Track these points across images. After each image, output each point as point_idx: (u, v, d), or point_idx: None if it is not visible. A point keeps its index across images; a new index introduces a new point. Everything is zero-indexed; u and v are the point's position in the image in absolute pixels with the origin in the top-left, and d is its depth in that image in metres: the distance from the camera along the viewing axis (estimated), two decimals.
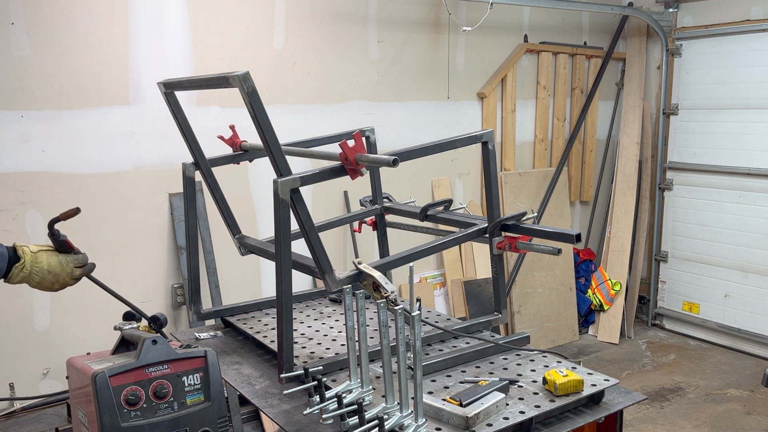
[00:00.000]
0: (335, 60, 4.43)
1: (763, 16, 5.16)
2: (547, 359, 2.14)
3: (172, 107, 2.29)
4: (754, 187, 5.30)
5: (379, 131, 2.73)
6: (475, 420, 1.69)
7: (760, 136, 5.24)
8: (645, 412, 4.44)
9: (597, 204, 6.25)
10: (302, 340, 2.29)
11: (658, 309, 6.08)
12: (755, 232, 5.32)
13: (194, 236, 2.47)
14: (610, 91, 6.17)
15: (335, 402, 1.72)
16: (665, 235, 6.00)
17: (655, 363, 5.31)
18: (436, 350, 2.21)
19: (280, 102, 4.19)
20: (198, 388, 1.73)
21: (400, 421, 1.64)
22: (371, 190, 2.72)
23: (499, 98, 5.34)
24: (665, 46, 5.76)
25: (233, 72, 1.74)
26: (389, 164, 1.78)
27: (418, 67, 4.84)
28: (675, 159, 5.87)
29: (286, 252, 1.86)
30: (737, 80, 5.35)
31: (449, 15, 4.80)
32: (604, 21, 5.94)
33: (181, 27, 3.82)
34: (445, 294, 5.17)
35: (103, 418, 1.60)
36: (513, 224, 2.18)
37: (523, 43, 5.40)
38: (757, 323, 5.36)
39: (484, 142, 2.23)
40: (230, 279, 4.08)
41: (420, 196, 4.81)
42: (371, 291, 1.90)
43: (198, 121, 3.53)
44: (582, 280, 5.87)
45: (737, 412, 4.47)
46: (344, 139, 2.00)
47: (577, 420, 1.82)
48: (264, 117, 1.76)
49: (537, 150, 5.65)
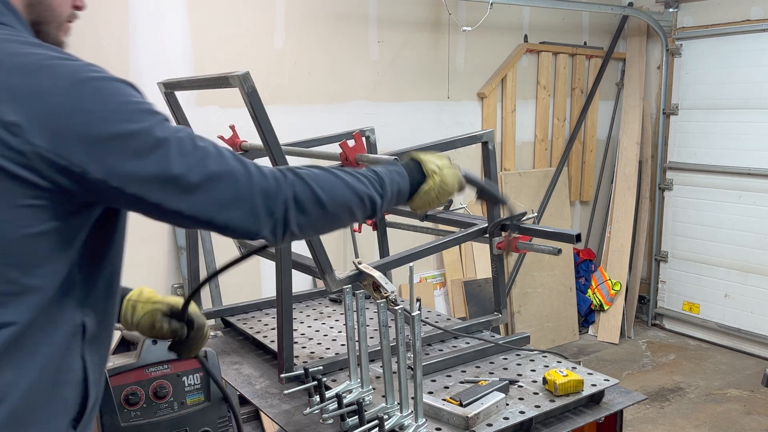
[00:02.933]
0: (335, 60, 4.43)
1: (763, 16, 5.16)
2: (547, 359, 2.14)
3: (172, 107, 2.29)
4: (754, 187, 5.30)
5: (379, 131, 2.73)
6: (475, 420, 1.69)
7: (760, 136, 5.23)
8: (645, 412, 4.44)
9: (597, 204, 6.25)
10: (302, 340, 2.29)
11: (658, 309, 6.08)
12: (755, 232, 5.32)
13: (194, 236, 2.47)
14: (610, 91, 6.16)
15: (335, 402, 1.72)
16: (665, 235, 5.99)
17: (655, 363, 5.31)
18: (436, 350, 2.21)
19: (280, 102, 4.19)
20: (198, 388, 1.73)
21: (400, 421, 1.64)
22: None
23: (499, 98, 5.34)
24: (665, 46, 5.75)
25: (233, 72, 1.73)
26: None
27: (418, 67, 4.84)
28: (675, 159, 5.87)
29: (286, 252, 1.86)
30: (737, 80, 5.34)
31: (449, 15, 4.80)
32: (604, 21, 5.94)
33: (181, 27, 3.82)
34: (445, 294, 5.16)
35: (103, 418, 1.60)
36: (513, 224, 2.18)
37: (523, 43, 5.40)
38: (757, 323, 5.36)
39: (484, 142, 2.23)
40: (230, 279, 4.08)
41: None
42: (371, 291, 1.90)
43: (198, 121, 3.52)
44: (582, 280, 5.87)
45: (737, 412, 4.47)
46: (344, 139, 2.00)
47: (577, 420, 1.82)
48: (264, 117, 1.76)
49: (537, 150, 5.65)
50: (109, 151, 1.06)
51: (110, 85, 1.08)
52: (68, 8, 1.25)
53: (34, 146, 1.02)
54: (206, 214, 1.14)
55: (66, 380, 1.14)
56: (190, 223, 1.16)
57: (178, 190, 1.11)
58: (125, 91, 1.10)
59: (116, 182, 1.07)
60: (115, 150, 1.06)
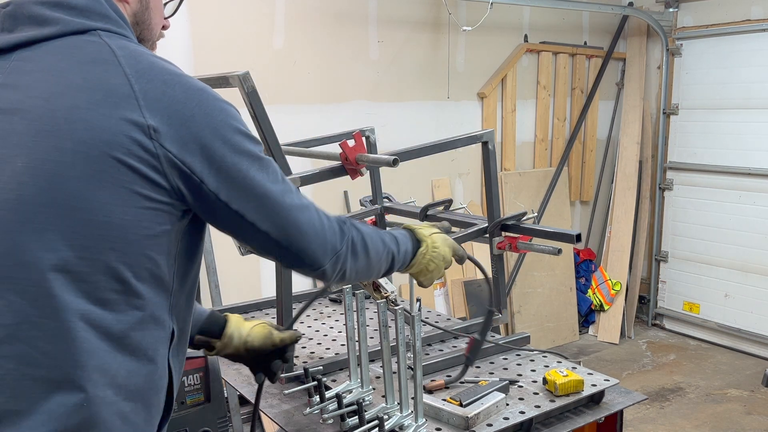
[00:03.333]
0: (335, 60, 4.43)
1: (763, 16, 5.16)
2: (547, 359, 2.14)
3: None
4: (754, 187, 5.30)
5: (379, 131, 2.73)
6: (475, 420, 1.69)
7: (760, 136, 5.23)
8: (645, 412, 4.44)
9: (597, 204, 6.25)
10: (302, 340, 2.29)
11: (658, 309, 6.08)
12: (756, 232, 5.32)
13: None
14: (610, 91, 6.16)
15: (335, 402, 1.72)
16: (665, 235, 6.00)
17: (655, 363, 5.31)
18: (436, 350, 2.21)
19: (280, 102, 4.19)
20: (198, 388, 1.73)
21: (400, 421, 1.64)
22: (371, 190, 2.72)
23: (499, 98, 5.34)
24: (665, 46, 5.75)
25: (233, 72, 1.73)
26: (389, 164, 1.78)
27: (418, 67, 4.84)
28: (675, 159, 5.87)
29: None
30: (737, 80, 5.34)
31: (449, 15, 4.80)
32: (604, 21, 5.94)
33: (181, 27, 3.82)
34: (445, 294, 5.16)
35: None
36: (513, 224, 2.18)
37: (523, 43, 5.40)
38: (757, 323, 5.36)
39: (484, 142, 2.23)
40: (230, 279, 4.08)
41: (420, 196, 4.81)
42: (371, 291, 1.90)
43: None
44: (582, 280, 5.87)
45: (737, 412, 4.47)
46: (344, 139, 2.00)
47: (577, 420, 1.82)
48: (264, 117, 1.76)
49: (537, 150, 5.65)
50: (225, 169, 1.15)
51: (230, 108, 1.19)
52: (160, 28, 1.37)
53: (167, 151, 1.09)
54: (288, 239, 1.23)
55: (162, 386, 1.20)
56: (270, 246, 1.24)
57: (272, 213, 1.20)
58: (239, 117, 1.20)
59: (225, 197, 1.15)
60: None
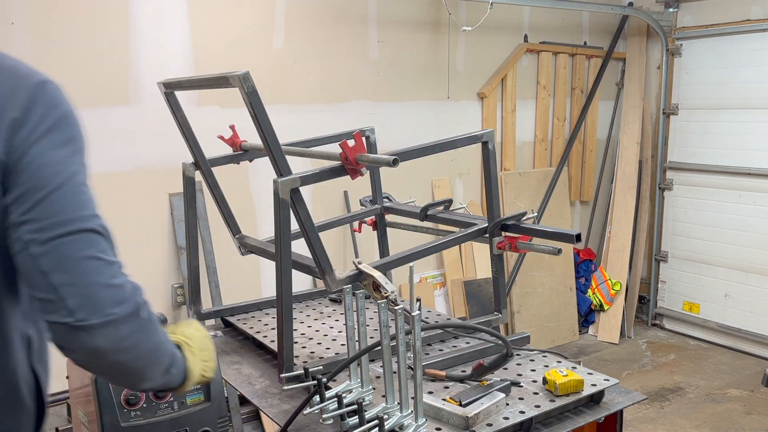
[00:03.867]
0: (335, 60, 4.43)
1: (763, 16, 5.16)
2: (547, 359, 2.14)
3: (172, 107, 2.29)
4: (754, 187, 5.30)
5: (379, 131, 2.73)
6: (475, 420, 1.69)
7: (760, 136, 5.23)
8: (645, 412, 4.44)
9: (597, 204, 6.25)
10: (302, 340, 2.29)
11: (658, 309, 6.08)
12: (755, 232, 5.32)
13: (194, 236, 2.47)
14: (610, 91, 6.16)
15: (335, 402, 1.72)
16: (665, 235, 6.00)
17: (655, 363, 5.31)
18: (436, 350, 2.21)
19: (280, 102, 4.19)
20: (198, 388, 1.74)
21: (400, 421, 1.64)
22: (371, 190, 2.72)
23: (499, 98, 5.34)
24: (665, 46, 5.75)
25: (233, 72, 1.73)
26: (389, 164, 1.78)
27: (418, 67, 4.84)
28: (675, 159, 5.87)
29: (286, 252, 1.86)
30: (737, 80, 5.34)
31: (449, 15, 4.80)
32: (604, 21, 5.94)
33: (181, 27, 3.82)
34: (445, 294, 5.16)
35: (104, 418, 1.60)
36: (513, 224, 2.18)
37: (523, 43, 5.40)
38: (757, 323, 5.36)
39: (484, 142, 2.23)
40: (230, 279, 4.08)
41: (420, 196, 4.81)
42: (371, 291, 1.90)
43: (198, 121, 3.52)
44: (582, 280, 5.87)
45: (737, 412, 4.47)
46: (344, 139, 2.00)
47: (577, 420, 1.82)
48: (264, 117, 1.76)
49: (537, 150, 5.65)
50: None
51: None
52: None
53: None
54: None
55: (29, 391, 1.20)
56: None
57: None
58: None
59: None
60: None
